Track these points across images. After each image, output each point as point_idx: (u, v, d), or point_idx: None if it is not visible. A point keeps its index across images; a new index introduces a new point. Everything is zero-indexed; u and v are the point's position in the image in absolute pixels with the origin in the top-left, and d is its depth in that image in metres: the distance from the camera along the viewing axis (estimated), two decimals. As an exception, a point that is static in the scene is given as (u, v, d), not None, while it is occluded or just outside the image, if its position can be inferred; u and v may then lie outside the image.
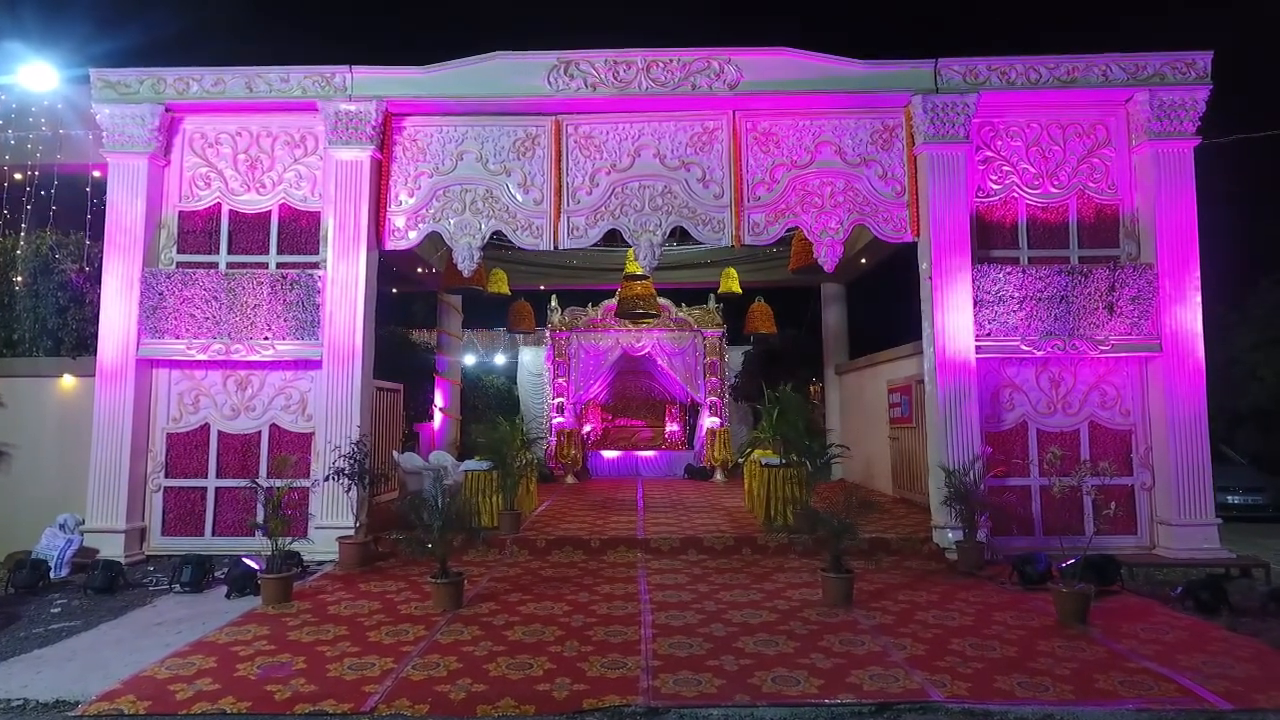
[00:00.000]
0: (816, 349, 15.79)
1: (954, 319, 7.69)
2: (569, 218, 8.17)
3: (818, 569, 6.84)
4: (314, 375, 7.97)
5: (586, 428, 15.79)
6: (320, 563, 7.41)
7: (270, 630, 5.25)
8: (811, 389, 16.27)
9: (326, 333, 7.83)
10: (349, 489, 7.27)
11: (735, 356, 16.24)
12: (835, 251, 8.05)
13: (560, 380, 15.15)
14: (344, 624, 5.37)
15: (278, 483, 6.47)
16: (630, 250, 11.22)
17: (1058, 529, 7.72)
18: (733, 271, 12.92)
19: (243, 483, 7.63)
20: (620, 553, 7.65)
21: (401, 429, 11.95)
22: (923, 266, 7.99)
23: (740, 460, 10.45)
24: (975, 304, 7.74)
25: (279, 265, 8.13)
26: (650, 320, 13.95)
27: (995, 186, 8.10)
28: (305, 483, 7.80)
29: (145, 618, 5.75)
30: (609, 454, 15.31)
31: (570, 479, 13.76)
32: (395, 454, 9.97)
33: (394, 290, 16.27)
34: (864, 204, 8.09)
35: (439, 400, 15.34)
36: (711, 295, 15.12)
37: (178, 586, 6.43)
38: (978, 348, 7.71)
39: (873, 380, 12.79)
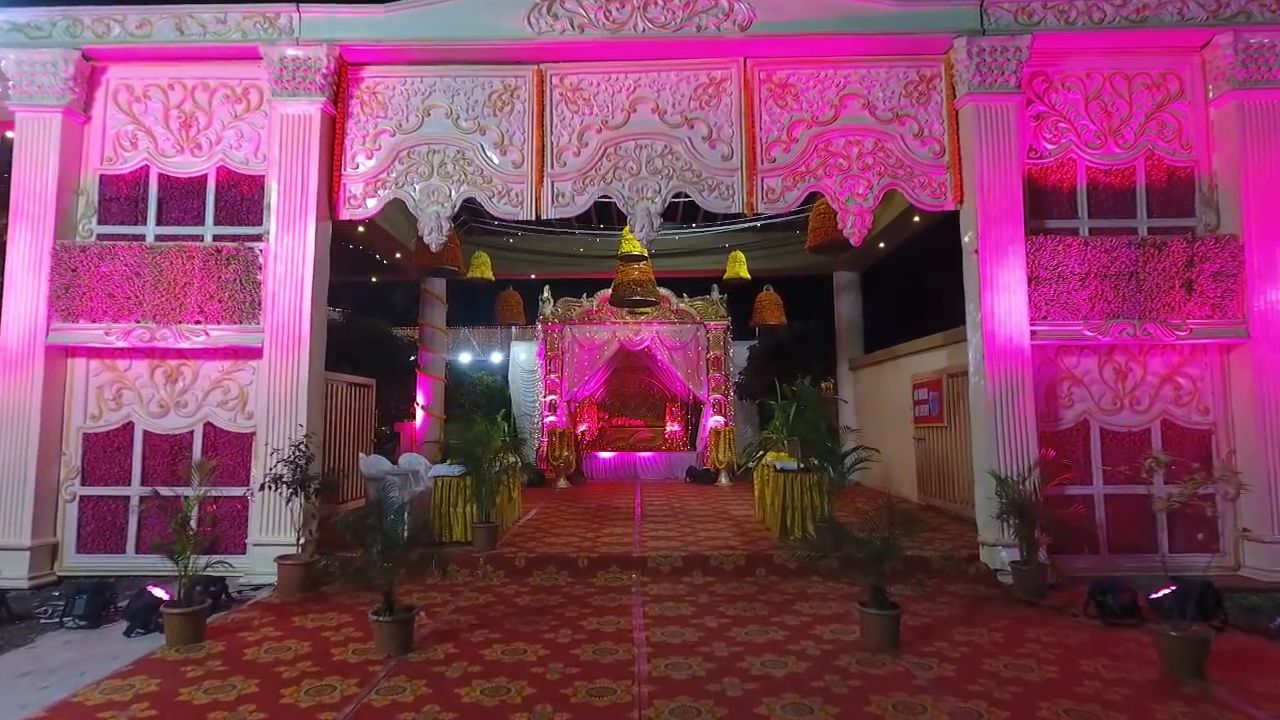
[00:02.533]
0: (828, 342, 14.65)
1: (1005, 299, 6.54)
2: (553, 183, 7.02)
3: (848, 595, 5.75)
4: (255, 365, 6.84)
5: (581, 427, 14.66)
6: (257, 586, 6.26)
7: (160, 685, 4.10)
8: (824, 386, 15.12)
9: (269, 316, 6.69)
10: (289, 499, 6.12)
11: (739, 352, 15.09)
12: (864, 221, 6.90)
13: (553, 376, 14.02)
14: (257, 676, 4.22)
15: (189, 491, 5.32)
16: (627, 228, 10.11)
17: (1126, 546, 6.62)
18: (740, 255, 11.77)
19: (173, 491, 6.46)
20: (613, 574, 6.51)
21: (373, 429, 10.81)
22: (965, 239, 6.84)
23: (749, 464, 9.32)
24: (1029, 282, 6.60)
25: (216, 238, 6.99)
26: (649, 309, 12.82)
27: (1050, 146, 6.95)
28: (238, 491, 6.67)
29: (14, 664, 4.60)
30: (605, 455, 14.17)
31: (563, 483, 12.63)
32: (362, 457, 8.83)
33: (373, 279, 15.20)
34: (896, 166, 6.94)
35: (420, 398, 14.20)
36: (715, 286, 14.00)
37: (70, 620, 5.28)
38: (1033, 333, 6.56)
39: (893, 375, 11.65)
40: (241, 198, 7.06)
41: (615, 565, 6.61)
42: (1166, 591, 4.84)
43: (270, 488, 6.04)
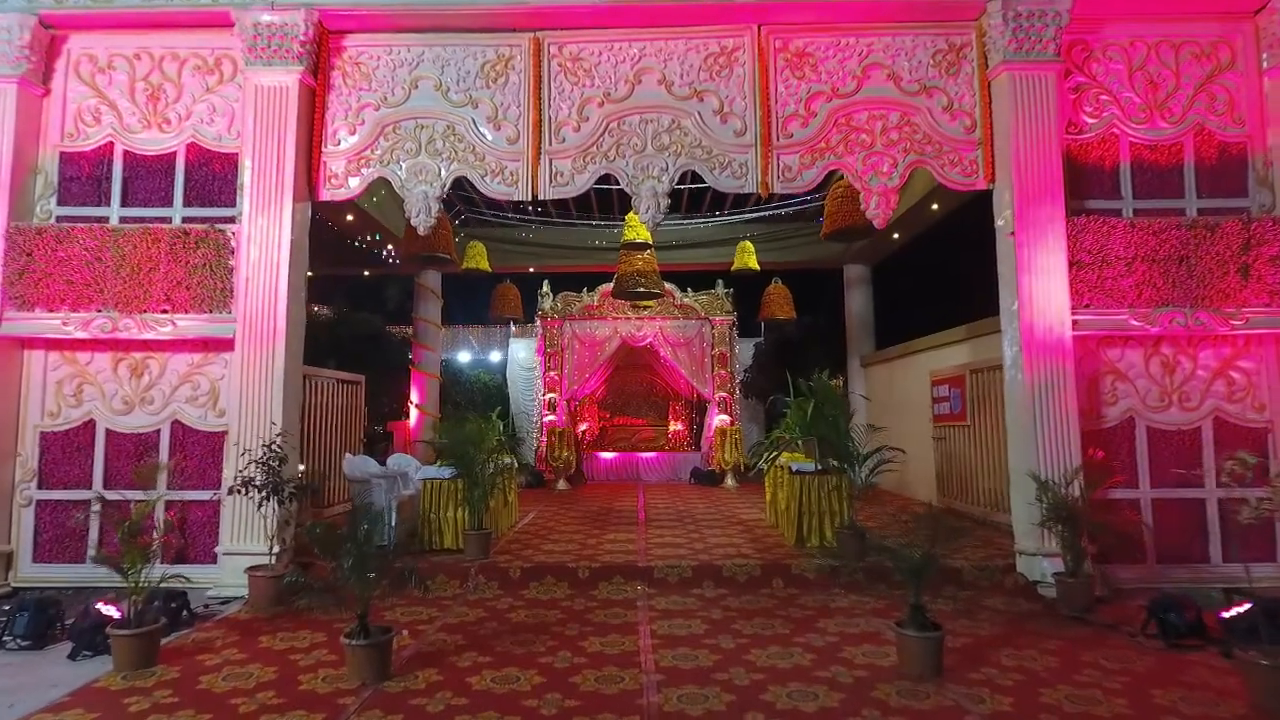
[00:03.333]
0: (837, 338, 14.09)
1: (1044, 285, 6.00)
2: (551, 160, 6.48)
3: (875, 610, 5.23)
4: (228, 358, 6.29)
5: (582, 427, 14.12)
6: (226, 600, 5.72)
7: (97, 721, 3.56)
8: (833, 383, 14.54)
9: (242, 304, 6.14)
10: (260, 504, 5.57)
11: (745, 349, 14.54)
12: (888, 201, 6.36)
13: (552, 374, 13.46)
14: (210, 709, 3.68)
15: (137, 496, 4.78)
16: (631, 215, 9.57)
17: (1175, 555, 6.08)
18: (749, 245, 11.22)
19: (140, 495, 5.88)
20: (616, 585, 5.96)
21: (362, 428, 10.26)
22: (999, 221, 6.29)
23: (761, 465, 8.75)
24: (1070, 266, 6.05)
25: (186, 220, 6.44)
26: (651, 303, 12.28)
27: (1090, 121, 6.41)
28: (203, 495, 6.13)
29: (-63, 694, 4.06)
30: (606, 455, 13.62)
31: (562, 484, 12.07)
32: (348, 457, 8.28)
33: (365, 273, 14.69)
34: (924, 142, 6.39)
35: (415, 396, 13.66)
36: (720, 280, 13.44)
37: (11, 640, 4.74)
38: (1074, 322, 6.01)
39: (908, 371, 11.10)
40: (213, 177, 6.51)
41: (619, 575, 6.07)
42: (1240, 610, 4.31)
43: (240, 492, 5.49)
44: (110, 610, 4.54)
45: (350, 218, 10.60)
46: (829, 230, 8.00)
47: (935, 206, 10.04)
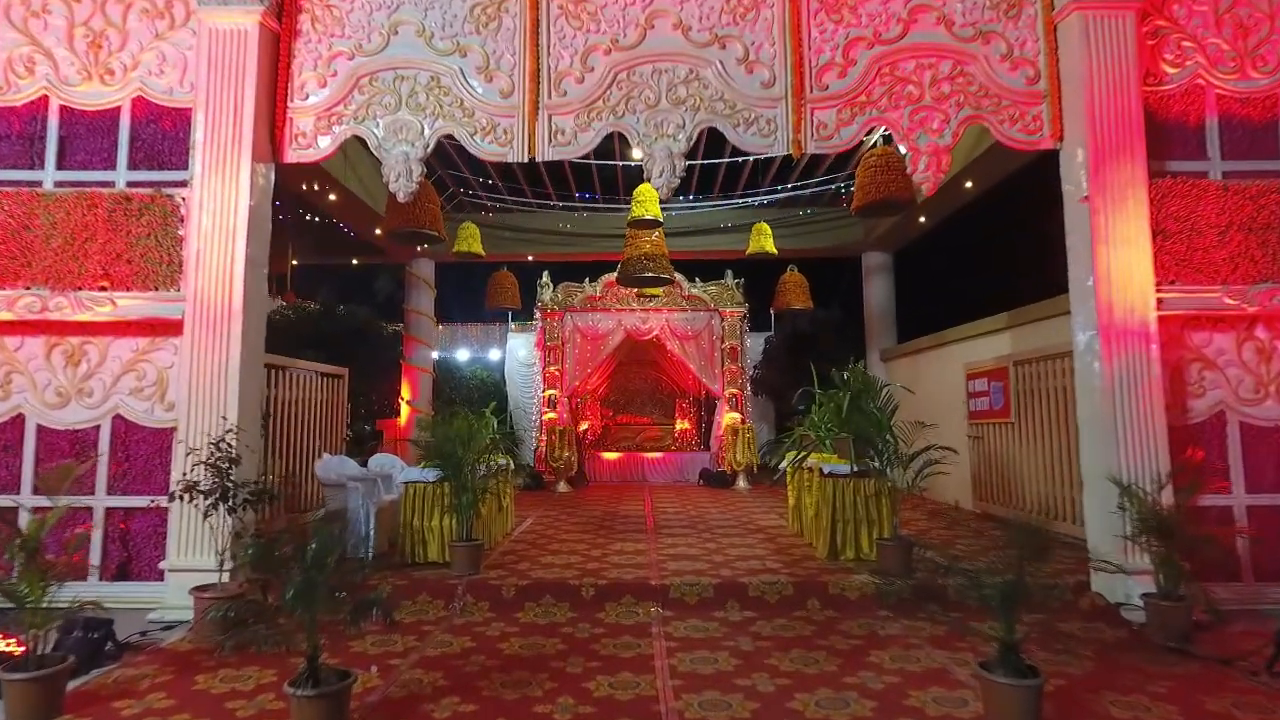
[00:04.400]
0: (855, 331, 13.27)
1: (1123, 258, 5.16)
2: (550, 116, 5.64)
3: (934, 639, 4.42)
4: (178, 344, 5.45)
5: (584, 425, 13.29)
6: (171, 624, 4.88)
7: (-44, 803, 2.73)
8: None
9: (192, 281, 5.31)
10: (206, 513, 4.73)
11: (754, 344, 13.71)
12: (939, 163, 5.51)
13: (552, 369, 12.64)
14: (108, 784, 2.85)
15: (90, 501, 3.96)
16: (641, 189, 8.73)
17: (1275, 572, 5.24)
18: (765, 228, 10.37)
19: (66, 501, 5.01)
20: (626, 607, 5.12)
21: (346, 425, 9.42)
22: (1068, 186, 5.47)
23: (781, 465, 7.92)
24: (1154, 236, 5.22)
25: (131, 185, 5.61)
26: (658, 292, 11.46)
27: (1170, 71, 5.57)
28: (139, 501, 5.29)
29: None
30: (609, 456, 12.79)
31: (563, 486, 11.26)
32: (325, 458, 7.46)
33: (353, 261, 13.89)
34: (980, 95, 5.55)
35: (406, 393, 12.85)
36: (729, 271, 12.60)
37: (-109, 681, 3.90)
38: (1159, 301, 5.18)
39: (937, 365, 10.27)
40: (163, 135, 5.67)
41: (629, 595, 5.23)
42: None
43: (183, 498, 4.66)
44: (9, 645, 3.71)
45: (333, 197, 9.80)
46: (860, 204, 7.14)
47: (969, 184, 9.22)
